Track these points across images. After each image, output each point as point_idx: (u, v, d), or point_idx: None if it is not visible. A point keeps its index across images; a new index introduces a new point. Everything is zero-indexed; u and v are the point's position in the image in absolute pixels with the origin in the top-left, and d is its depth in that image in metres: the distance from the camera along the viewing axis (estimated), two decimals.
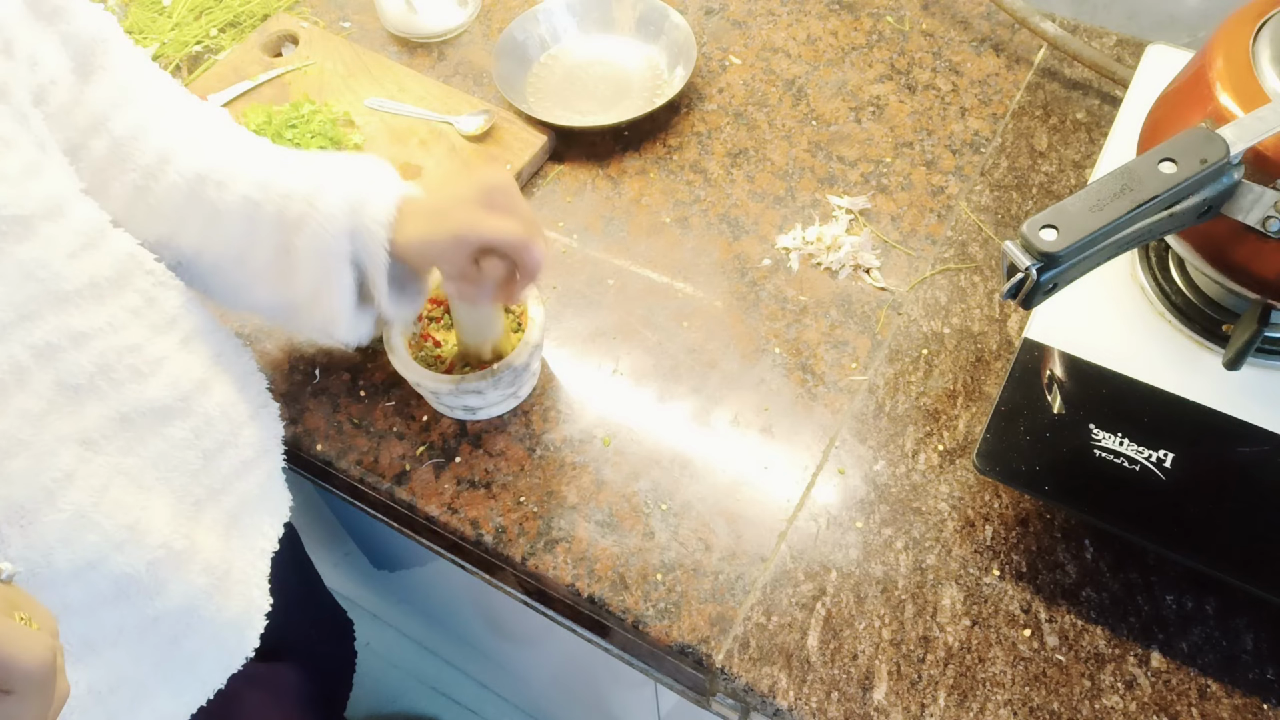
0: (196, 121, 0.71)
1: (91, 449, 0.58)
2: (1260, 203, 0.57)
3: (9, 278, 0.54)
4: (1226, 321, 0.70)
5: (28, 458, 0.54)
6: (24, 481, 0.54)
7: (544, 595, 0.78)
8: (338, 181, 0.67)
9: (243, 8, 1.11)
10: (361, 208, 0.66)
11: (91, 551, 0.57)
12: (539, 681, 1.36)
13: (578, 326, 0.86)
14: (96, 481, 0.57)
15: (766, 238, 0.90)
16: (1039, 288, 0.55)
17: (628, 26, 1.05)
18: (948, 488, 0.75)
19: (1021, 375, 0.71)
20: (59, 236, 0.57)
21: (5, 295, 0.54)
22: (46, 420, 0.55)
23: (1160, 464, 0.66)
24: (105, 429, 0.59)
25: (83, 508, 0.56)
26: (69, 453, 0.56)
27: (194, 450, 0.64)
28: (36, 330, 0.55)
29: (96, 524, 0.57)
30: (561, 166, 0.97)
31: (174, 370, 0.63)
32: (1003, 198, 0.90)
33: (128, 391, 0.60)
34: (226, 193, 0.67)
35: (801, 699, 0.67)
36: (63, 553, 0.56)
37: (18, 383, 0.54)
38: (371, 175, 0.69)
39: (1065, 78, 0.99)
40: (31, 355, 0.55)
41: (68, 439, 0.56)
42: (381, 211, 0.66)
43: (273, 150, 0.71)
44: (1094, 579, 0.70)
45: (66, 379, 0.57)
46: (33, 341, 0.55)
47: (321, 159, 0.71)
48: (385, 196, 0.67)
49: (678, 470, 0.77)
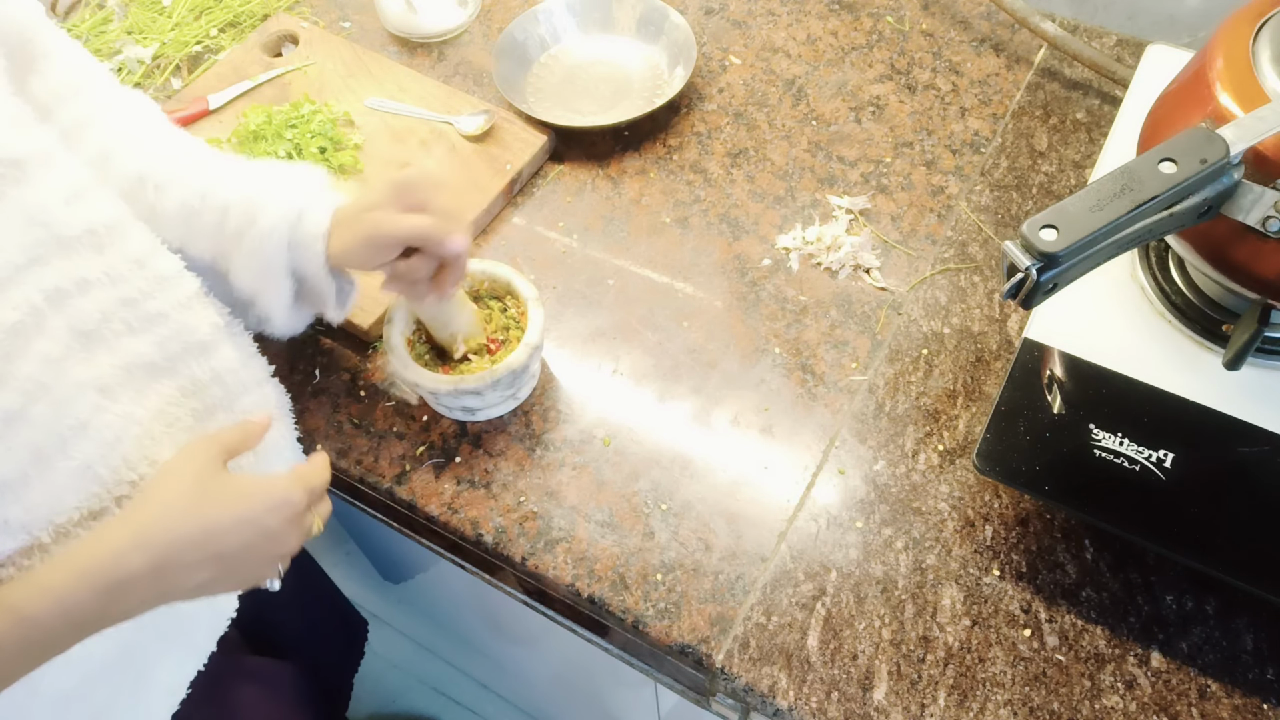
0: (138, 120, 0.72)
1: (108, 397, 0.60)
2: (1260, 203, 0.57)
3: (14, 221, 0.56)
4: (1226, 321, 0.70)
5: (49, 403, 0.56)
6: (45, 427, 0.56)
7: (544, 595, 0.78)
8: (276, 196, 0.69)
9: (243, 8, 1.11)
10: (299, 222, 0.68)
11: (95, 503, 0.59)
12: (539, 681, 1.36)
13: (578, 326, 0.86)
14: (109, 434, 0.59)
15: (766, 238, 0.90)
16: (1039, 288, 0.55)
17: (628, 26, 1.05)
18: (948, 488, 0.75)
19: (1021, 375, 0.71)
20: (53, 182, 0.59)
21: (14, 238, 0.56)
22: (65, 366, 0.57)
23: (1160, 464, 0.66)
24: (118, 377, 0.61)
25: (90, 459, 0.58)
26: (86, 400, 0.58)
27: (183, 409, 0.65)
28: (46, 275, 0.57)
29: (100, 476, 0.59)
30: (561, 166, 0.97)
31: (168, 329, 0.64)
32: (1003, 198, 0.90)
33: (125, 344, 0.62)
34: (165, 197, 0.69)
35: (801, 699, 0.67)
36: (70, 499, 0.58)
37: (36, 326, 0.56)
38: (308, 187, 0.70)
39: (1065, 78, 0.99)
40: (45, 299, 0.57)
41: (86, 386, 0.58)
42: (317, 225, 0.68)
43: (212, 156, 0.73)
44: (1094, 579, 0.70)
45: (77, 324, 0.59)
46: (44, 285, 0.57)
47: (259, 168, 0.72)
48: (321, 209, 0.69)
49: (678, 470, 0.77)
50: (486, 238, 0.92)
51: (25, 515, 0.56)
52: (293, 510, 0.60)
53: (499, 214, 0.93)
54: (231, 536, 0.57)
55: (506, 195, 0.94)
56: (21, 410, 0.55)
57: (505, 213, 0.93)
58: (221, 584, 0.59)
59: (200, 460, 0.58)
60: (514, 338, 0.79)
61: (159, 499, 0.56)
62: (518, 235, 0.92)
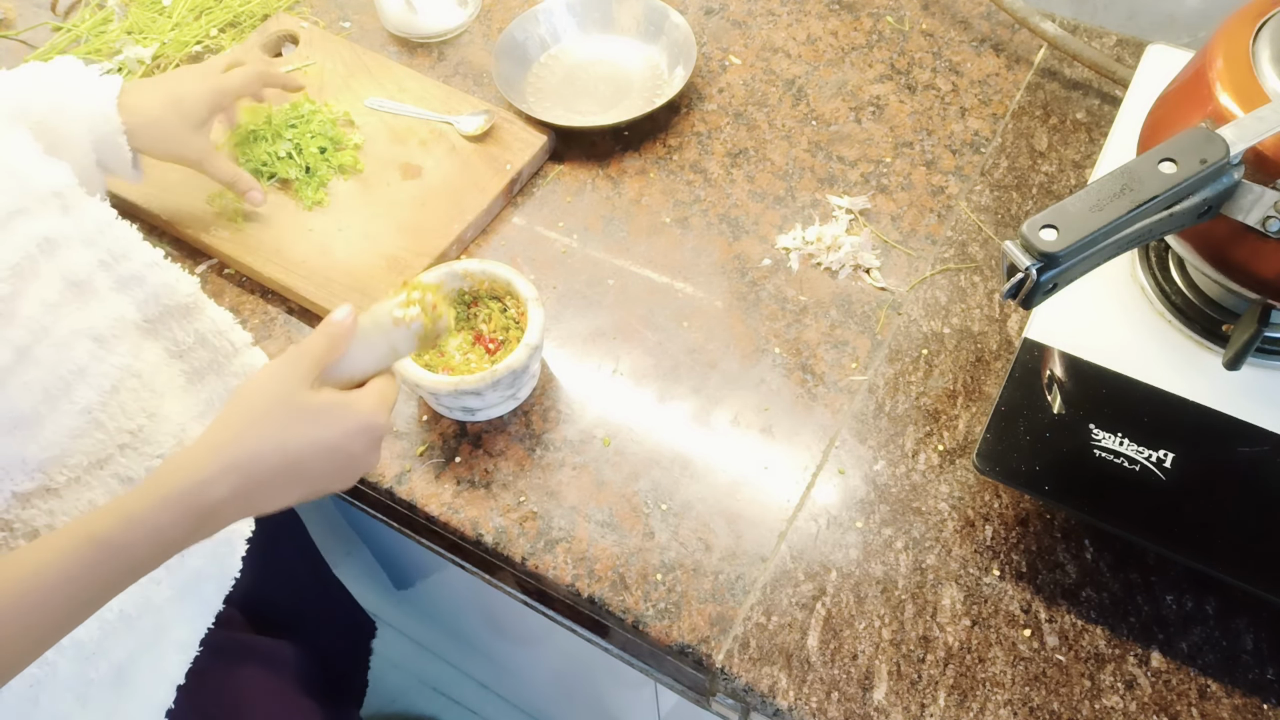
0: None
1: (104, 346, 0.61)
2: (1260, 203, 0.57)
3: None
4: (1226, 321, 0.70)
5: (50, 345, 0.58)
6: (50, 368, 0.58)
7: (544, 595, 0.78)
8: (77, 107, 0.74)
9: (243, 8, 1.11)
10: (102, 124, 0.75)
11: (99, 449, 0.61)
12: (539, 681, 1.36)
13: (578, 327, 0.86)
14: (106, 382, 0.61)
15: (766, 238, 0.90)
16: (1039, 288, 0.55)
17: (628, 26, 1.05)
18: (948, 488, 0.75)
19: (1021, 375, 0.71)
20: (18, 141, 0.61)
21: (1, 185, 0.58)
22: (61, 311, 0.59)
23: (1160, 464, 0.66)
24: (114, 328, 0.62)
25: (90, 404, 0.60)
26: (83, 347, 0.60)
27: (174, 370, 0.67)
28: (34, 224, 0.59)
29: (101, 424, 0.61)
30: (561, 166, 0.97)
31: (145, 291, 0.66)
32: (1003, 198, 0.90)
33: (113, 301, 0.63)
34: None
35: (801, 699, 0.67)
36: (79, 444, 0.60)
37: (32, 270, 0.58)
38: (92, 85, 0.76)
39: (1065, 78, 0.99)
40: (37, 247, 0.59)
41: (81, 333, 0.60)
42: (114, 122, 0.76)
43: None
44: (1094, 579, 0.70)
45: (69, 274, 0.60)
46: (33, 233, 0.59)
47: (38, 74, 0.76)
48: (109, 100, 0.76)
49: (678, 470, 0.77)
50: (486, 238, 0.92)
51: (41, 454, 0.58)
52: (376, 434, 0.60)
53: (499, 214, 0.93)
54: (317, 462, 0.57)
55: (506, 195, 0.94)
56: (29, 348, 0.57)
57: (505, 213, 0.93)
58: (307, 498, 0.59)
59: (285, 378, 0.58)
60: (514, 338, 0.79)
61: (244, 419, 0.56)
62: (518, 235, 0.92)
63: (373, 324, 0.63)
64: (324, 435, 0.57)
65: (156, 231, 0.94)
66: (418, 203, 0.92)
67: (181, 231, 0.92)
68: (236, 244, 0.90)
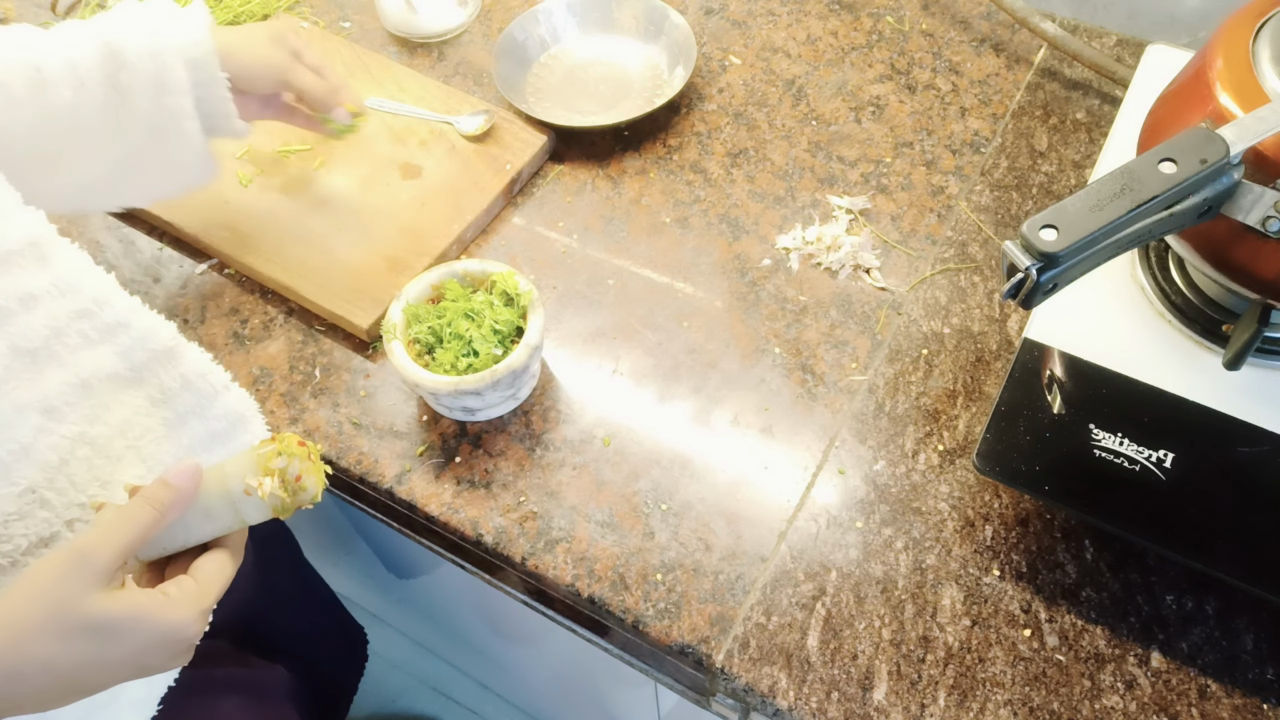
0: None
1: (53, 418, 0.57)
2: (1260, 203, 0.57)
3: None
4: (1226, 321, 0.70)
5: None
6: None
7: (544, 595, 0.78)
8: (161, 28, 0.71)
9: (243, 8, 1.11)
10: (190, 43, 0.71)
11: (44, 527, 0.56)
12: (539, 681, 1.36)
13: (578, 327, 0.86)
14: (53, 456, 0.56)
15: (766, 238, 0.90)
16: (1039, 288, 0.55)
17: (628, 26, 1.05)
18: (948, 488, 0.75)
19: (1021, 375, 0.71)
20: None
21: None
22: (4, 389, 0.54)
23: (1160, 464, 0.66)
24: (68, 396, 0.58)
25: (34, 483, 0.56)
26: (28, 423, 0.55)
27: (154, 419, 0.63)
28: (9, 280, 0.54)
29: (47, 501, 0.56)
30: (561, 166, 0.97)
31: (130, 338, 0.62)
32: (1003, 198, 0.90)
33: (83, 357, 0.59)
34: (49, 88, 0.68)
35: (801, 699, 0.67)
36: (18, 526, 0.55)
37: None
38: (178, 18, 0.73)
39: (1065, 78, 0.99)
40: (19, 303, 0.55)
41: (27, 408, 0.55)
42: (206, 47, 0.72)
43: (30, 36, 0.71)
44: (1094, 579, 0.70)
45: (20, 343, 0.56)
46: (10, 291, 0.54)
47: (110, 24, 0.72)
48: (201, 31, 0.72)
49: (678, 470, 0.77)
50: (486, 238, 0.92)
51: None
52: (183, 644, 0.52)
53: (499, 214, 0.93)
54: (100, 678, 0.51)
55: (506, 195, 0.94)
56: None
57: (505, 213, 0.93)
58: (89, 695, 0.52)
59: (66, 578, 0.49)
60: (514, 338, 0.79)
61: (5, 630, 0.48)
62: (518, 235, 0.92)
63: (218, 486, 0.54)
64: (107, 655, 0.49)
65: (156, 231, 0.94)
66: (418, 203, 0.92)
67: (181, 231, 0.92)
68: (236, 244, 0.90)
